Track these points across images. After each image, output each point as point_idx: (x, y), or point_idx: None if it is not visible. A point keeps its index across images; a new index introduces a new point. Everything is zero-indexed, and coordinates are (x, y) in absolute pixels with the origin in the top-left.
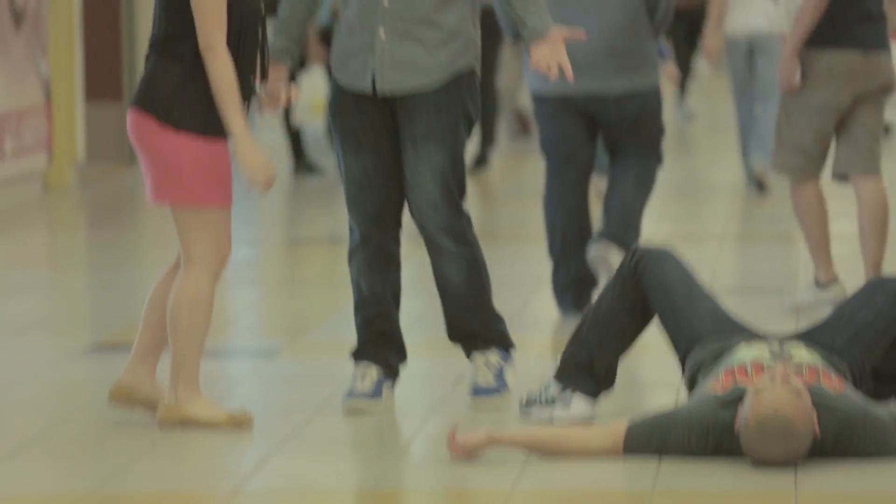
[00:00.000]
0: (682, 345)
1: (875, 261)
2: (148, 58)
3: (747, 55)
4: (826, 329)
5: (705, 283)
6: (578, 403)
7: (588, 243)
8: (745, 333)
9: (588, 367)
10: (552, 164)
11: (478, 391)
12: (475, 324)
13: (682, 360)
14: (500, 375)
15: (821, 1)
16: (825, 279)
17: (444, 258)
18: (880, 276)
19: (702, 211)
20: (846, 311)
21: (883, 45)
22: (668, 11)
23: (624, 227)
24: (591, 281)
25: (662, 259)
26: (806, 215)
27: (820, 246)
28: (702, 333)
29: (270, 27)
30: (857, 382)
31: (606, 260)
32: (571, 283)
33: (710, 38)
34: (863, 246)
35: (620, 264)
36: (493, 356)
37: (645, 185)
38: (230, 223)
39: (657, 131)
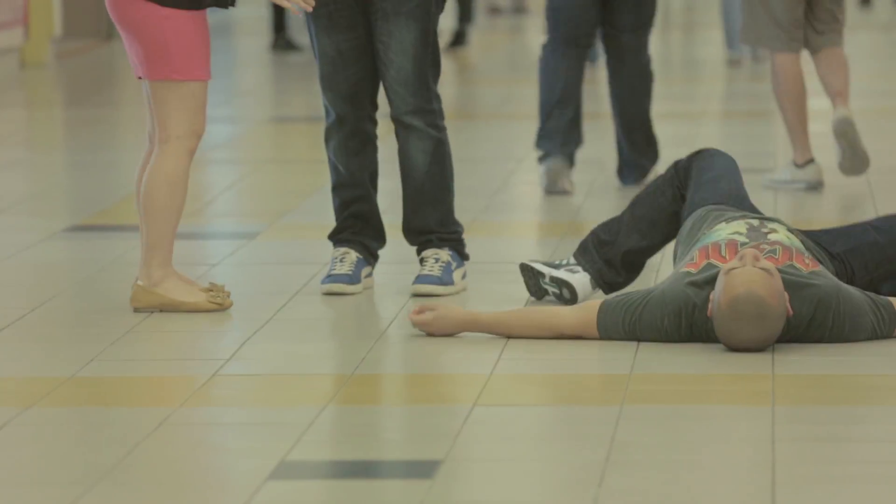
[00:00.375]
0: (688, 210)
1: (839, 91)
2: None
3: None
4: (833, 234)
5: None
6: (583, 276)
7: (618, 173)
8: (741, 213)
9: (607, 246)
10: (555, 26)
11: (420, 278)
12: (432, 219)
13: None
14: (447, 269)
15: None
16: (802, 160)
17: (411, 139)
18: None
19: (681, 89)
20: (863, 225)
21: None
22: None
23: (646, 148)
24: (578, 135)
25: (717, 154)
26: (783, 95)
27: (796, 127)
28: (707, 202)
29: None
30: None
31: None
32: (561, 129)
33: None
34: (825, 85)
35: (681, 159)
36: (445, 254)
37: (650, 86)
38: (206, 99)
39: (653, 6)
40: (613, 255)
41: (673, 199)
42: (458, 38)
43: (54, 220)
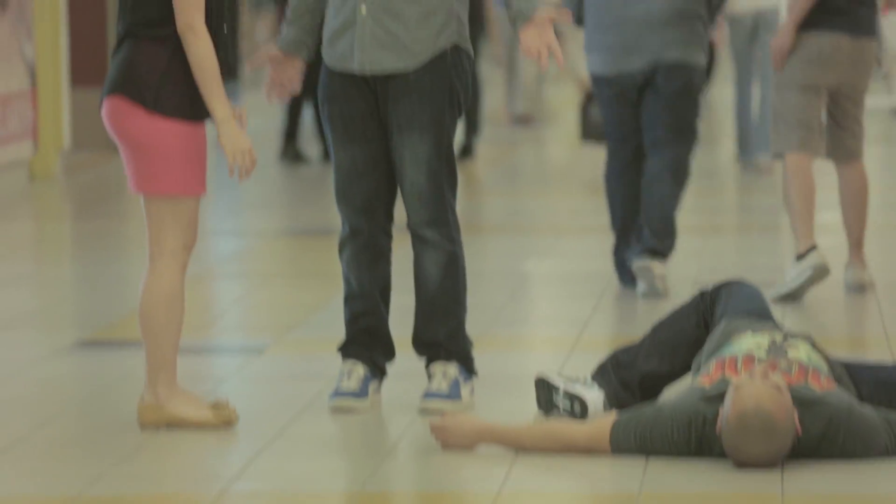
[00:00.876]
0: (716, 321)
1: (857, 238)
2: (121, 43)
3: (751, 33)
4: (867, 368)
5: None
6: (598, 394)
7: (631, 254)
8: (766, 323)
9: (625, 368)
10: (611, 143)
11: (428, 394)
12: (442, 332)
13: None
14: (454, 385)
15: None
16: (804, 248)
17: (425, 250)
18: None
19: (688, 202)
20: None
21: (871, 31)
22: None
23: (663, 236)
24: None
25: (745, 283)
26: (794, 193)
27: (803, 216)
28: (737, 313)
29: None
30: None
31: (650, 270)
32: (629, 258)
33: (785, 38)
34: (845, 223)
35: (707, 289)
36: (453, 369)
37: (680, 180)
38: (198, 212)
39: (695, 110)
40: (631, 377)
41: (697, 325)
42: (465, 151)
43: (61, 335)
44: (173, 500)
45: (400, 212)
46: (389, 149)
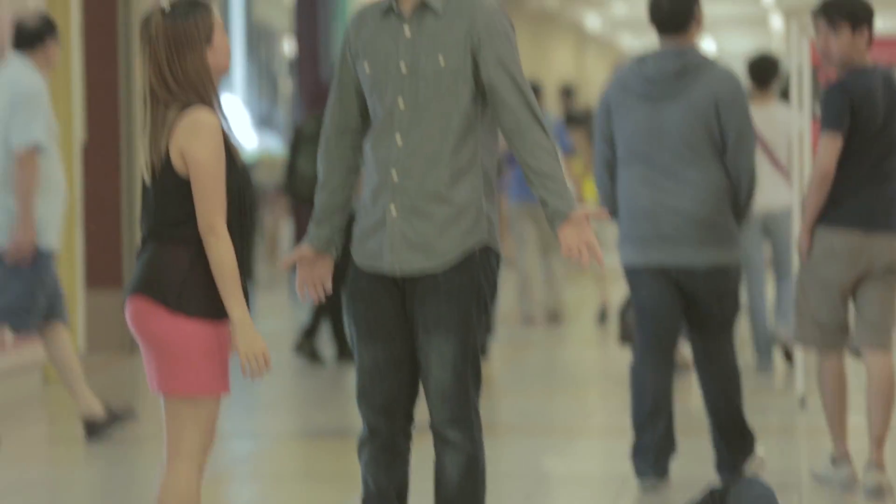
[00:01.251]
0: None
1: (879, 436)
2: (144, 244)
3: (761, 234)
4: None
5: None
6: None
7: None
8: None
9: None
10: (644, 331)
11: None
12: None
13: None
14: None
15: (823, 181)
16: (838, 454)
17: (446, 450)
18: None
19: (697, 404)
20: None
21: (888, 226)
22: (750, 197)
23: (740, 444)
24: (671, 446)
25: (755, 481)
26: (826, 389)
27: (835, 421)
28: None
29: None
30: None
31: None
32: (654, 445)
33: (803, 240)
34: (868, 420)
35: (717, 486)
36: None
37: (735, 382)
38: (219, 410)
39: (736, 306)
40: None
41: None
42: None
43: None
44: None
45: (418, 411)
46: (414, 348)
